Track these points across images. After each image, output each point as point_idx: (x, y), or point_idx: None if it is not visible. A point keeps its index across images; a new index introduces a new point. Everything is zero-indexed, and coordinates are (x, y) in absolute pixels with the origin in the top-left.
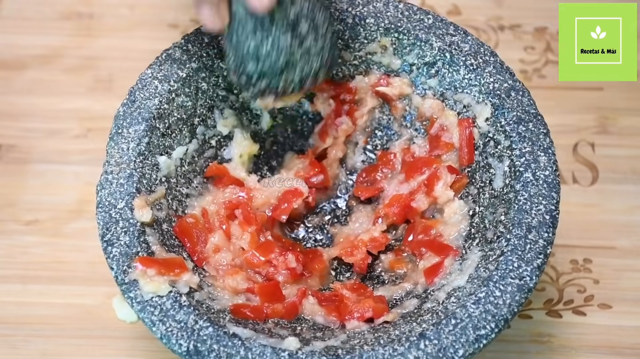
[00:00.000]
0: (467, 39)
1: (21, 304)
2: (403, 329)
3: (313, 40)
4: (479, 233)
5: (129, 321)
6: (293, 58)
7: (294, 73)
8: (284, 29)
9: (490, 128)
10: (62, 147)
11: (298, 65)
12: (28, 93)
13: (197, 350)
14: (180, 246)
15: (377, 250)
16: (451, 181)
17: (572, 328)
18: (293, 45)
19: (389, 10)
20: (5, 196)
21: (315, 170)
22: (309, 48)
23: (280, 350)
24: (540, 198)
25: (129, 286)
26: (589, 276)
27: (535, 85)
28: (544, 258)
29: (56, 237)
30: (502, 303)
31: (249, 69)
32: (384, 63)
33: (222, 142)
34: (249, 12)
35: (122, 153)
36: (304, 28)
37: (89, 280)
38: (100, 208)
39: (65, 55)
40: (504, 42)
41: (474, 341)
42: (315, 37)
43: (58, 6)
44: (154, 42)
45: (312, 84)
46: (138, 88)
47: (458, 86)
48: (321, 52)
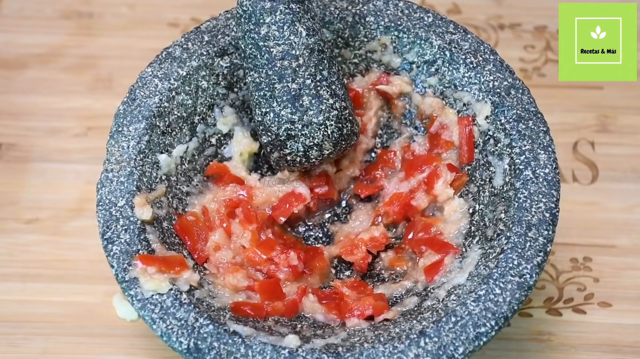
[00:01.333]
0: (467, 37)
1: (22, 302)
2: (403, 327)
3: (316, 113)
4: (479, 231)
5: (129, 319)
6: (294, 129)
7: (296, 144)
8: (285, 102)
9: (490, 126)
10: (62, 146)
11: (301, 137)
12: (28, 92)
13: (197, 348)
14: (181, 244)
15: (377, 249)
16: (451, 179)
17: (572, 326)
18: (293, 117)
19: (388, 9)
20: (6, 194)
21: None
22: (311, 120)
23: (280, 348)
24: (540, 196)
25: (130, 284)
26: (589, 274)
27: (535, 84)
28: (544, 256)
29: (57, 235)
30: (502, 300)
31: (263, 139)
32: (384, 61)
33: (222, 140)
34: (254, 83)
35: (122, 152)
36: (306, 101)
37: (90, 278)
38: (101, 206)
39: (66, 54)
40: (504, 41)
41: (474, 338)
42: (319, 111)
43: (58, 5)
44: (154, 40)
45: (319, 156)
46: (138, 86)
47: (458, 84)
48: (323, 124)
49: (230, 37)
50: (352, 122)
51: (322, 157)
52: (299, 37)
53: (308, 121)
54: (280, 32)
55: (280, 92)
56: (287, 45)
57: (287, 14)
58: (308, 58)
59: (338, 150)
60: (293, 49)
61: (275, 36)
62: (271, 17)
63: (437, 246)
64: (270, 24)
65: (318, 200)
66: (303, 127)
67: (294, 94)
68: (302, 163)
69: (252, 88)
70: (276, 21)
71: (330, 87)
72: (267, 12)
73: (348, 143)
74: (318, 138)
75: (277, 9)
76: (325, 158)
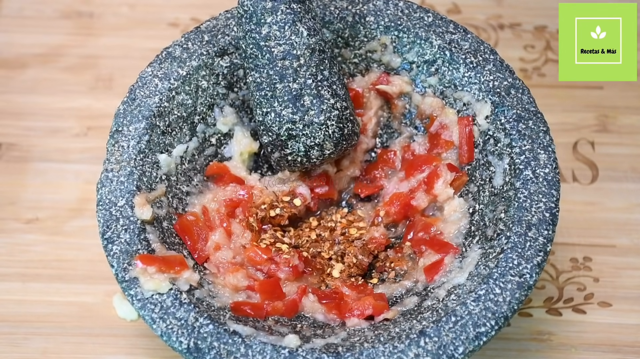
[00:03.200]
0: (467, 37)
1: (22, 302)
2: (403, 327)
3: (317, 113)
4: (479, 230)
5: (129, 319)
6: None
7: (297, 144)
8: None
9: (490, 126)
10: (62, 146)
11: (302, 137)
12: (28, 92)
13: (197, 348)
14: (181, 244)
15: (377, 249)
16: (451, 179)
17: (572, 326)
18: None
19: (388, 9)
20: (6, 194)
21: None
22: (312, 120)
23: (280, 347)
24: (540, 195)
25: (130, 284)
26: (589, 274)
27: (535, 84)
28: (543, 256)
29: (56, 235)
30: (502, 300)
31: (264, 139)
32: (384, 61)
33: (222, 140)
34: (255, 83)
35: (122, 151)
36: (307, 101)
37: (90, 278)
38: (101, 206)
39: (66, 54)
40: (504, 41)
41: (474, 338)
42: (320, 110)
43: (58, 5)
44: (154, 40)
45: (320, 156)
46: (138, 86)
47: (458, 84)
48: (324, 124)
49: (231, 37)
50: (353, 122)
51: (323, 157)
52: (300, 37)
53: (309, 121)
54: (281, 32)
55: (282, 92)
56: (289, 45)
57: (289, 14)
58: (309, 58)
59: (339, 150)
60: (294, 49)
61: (277, 36)
62: (272, 17)
63: (437, 246)
64: (271, 24)
65: (318, 200)
66: (304, 127)
67: (295, 94)
68: (303, 163)
69: (253, 88)
70: (277, 21)
71: (332, 87)
72: (269, 12)
73: (349, 143)
74: (319, 138)
75: (279, 8)
76: (326, 158)
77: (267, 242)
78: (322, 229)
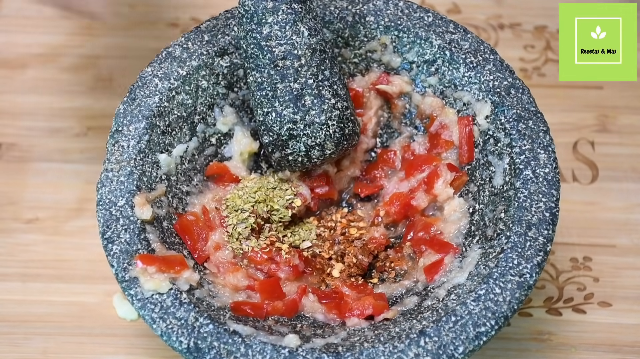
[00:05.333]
0: (467, 36)
1: (22, 302)
2: (403, 327)
3: (318, 113)
4: (479, 230)
5: (129, 319)
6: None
7: (298, 144)
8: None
9: (490, 126)
10: (62, 146)
11: (303, 137)
12: (28, 92)
13: (197, 347)
14: (181, 243)
15: (377, 249)
16: (451, 179)
17: (572, 325)
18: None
19: (388, 8)
20: (6, 194)
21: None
22: (313, 120)
23: (280, 347)
24: (540, 195)
25: (130, 284)
26: (589, 274)
27: (535, 84)
28: (543, 256)
29: (56, 235)
30: (502, 300)
31: (264, 139)
32: (384, 61)
33: (222, 139)
34: (256, 83)
35: (122, 151)
36: (308, 101)
37: (90, 278)
38: (101, 206)
39: (66, 53)
40: (504, 41)
41: (474, 338)
42: (321, 110)
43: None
44: (154, 40)
45: (321, 156)
46: (138, 86)
47: (458, 84)
48: (325, 123)
49: (231, 37)
50: (354, 122)
51: (324, 156)
52: (301, 37)
53: (310, 121)
54: (282, 32)
55: (282, 91)
56: (289, 45)
57: (289, 14)
58: (310, 58)
59: (340, 150)
60: (295, 49)
61: (278, 36)
62: (273, 17)
63: (437, 245)
64: (272, 24)
65: (318, 200)
66: (305, 126)
67: (296, 94)
68: (304, 163)
69: (253, 88)
70: (278, 21)
71: (332, 87)
72: (269, 12)
73: (350, 143)
74: (320, 138)
75: (279, 8)
76: (327, 158)
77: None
78: (322, 229)
